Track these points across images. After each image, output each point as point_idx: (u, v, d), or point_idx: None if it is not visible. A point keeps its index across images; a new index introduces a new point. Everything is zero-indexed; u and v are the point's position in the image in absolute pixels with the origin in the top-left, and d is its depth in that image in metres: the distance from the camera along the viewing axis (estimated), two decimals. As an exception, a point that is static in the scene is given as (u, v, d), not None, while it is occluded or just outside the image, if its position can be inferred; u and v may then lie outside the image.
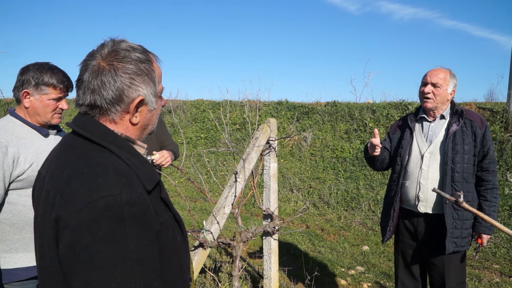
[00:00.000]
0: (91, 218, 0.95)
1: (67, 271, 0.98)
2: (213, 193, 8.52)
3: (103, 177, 1.01)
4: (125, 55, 1.14)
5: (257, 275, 4.38)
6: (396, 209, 2.97)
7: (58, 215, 0.99)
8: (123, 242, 0.97)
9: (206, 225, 2.76)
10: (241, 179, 2.93)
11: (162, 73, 1.26)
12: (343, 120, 9.58)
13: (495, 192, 2.76)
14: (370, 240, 6.06)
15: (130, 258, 0.97)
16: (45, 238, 1.05)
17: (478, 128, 2.75)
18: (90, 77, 1.11)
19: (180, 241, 1.21)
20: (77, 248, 0.95)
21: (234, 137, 10.61)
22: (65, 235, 0.97)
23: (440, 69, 2.83)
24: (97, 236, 0.95)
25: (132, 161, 1.10)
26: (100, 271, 0.94)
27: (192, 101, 13.40)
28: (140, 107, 1.17)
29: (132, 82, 1.13)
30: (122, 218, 0.97)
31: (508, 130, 7.26)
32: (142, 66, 1.15)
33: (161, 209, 1.13)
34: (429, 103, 2.81)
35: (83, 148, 1.10)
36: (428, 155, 2.82)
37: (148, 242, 1.02)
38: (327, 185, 8.07)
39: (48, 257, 1.05)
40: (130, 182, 1.04)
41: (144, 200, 1.03)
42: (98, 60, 1.13)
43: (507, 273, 4.81)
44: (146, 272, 1.00)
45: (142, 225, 1.01)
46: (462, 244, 2.75)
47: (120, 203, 0.98)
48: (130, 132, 1.19)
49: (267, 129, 3.19)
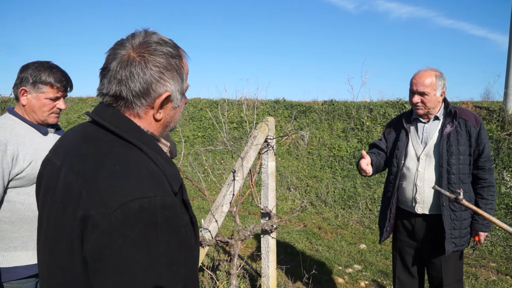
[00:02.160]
0: (125, 221, 0.92)
1: (93, 271, 0.95)
2: (211, 192, 8.52)
3: (136, 177, 0.97)
4: (156, 48, 1.10)
5: (255, 273, 4.39)
6: (393, 210, 2.97)
7: (87, 214, 0.94)
8: (155, 246, 0.95)
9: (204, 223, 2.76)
10: (239, 177, 2.93)
11: (189, 71, 1.23)
12: (340, 118, 9.59)
13: (491, 190, 2.75)
14: (367, 239, 6.07)
15: (160, 262, 0.95)
16: (66, 233, 1.00)
17: (473, 127, 2.72)
18: (118, 66, 1.07)
19: (194, 243, 1.18)
20: (108, 250, 0.92)
21: (232, 136, 10.61)
22: (94, 235, 0.93)
23: (425, 73, 2.73)
24: (130, 239, 0.92)
25: (159, 160, 1.06)
26: (129, 275, 0.92)
27: (189, 99, 13.39)
28: (166, 104, 1.14)
29: (161, 76, 1.09)
30: (156, 222, 0.95)
31: (504, 129, 7.29)
32: (173, 61, 1.12)
33: (183, 212, 1.10)
34: (420, 110, 2.79)
35: (109, 142, 1.05)
36: (424, 157, 2.81)
37: (177, 246, 1.00)
38: (324, 183, 8.08)
39: (66, 252, 1.01)
40: (162, 183, 1.00)
41: (175, 204, 1.01)
42: (128, 50, 1.08)
43: (503, 271, 4.83)
44: (173, 276, 0.99)
45: (173, 229, 0.99)
46: (461, 243, 2.76)
47: (155, 207, 0.95)
48: (153, 128, 1.15)
49: (265, 128, 3.19)
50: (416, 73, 2.79)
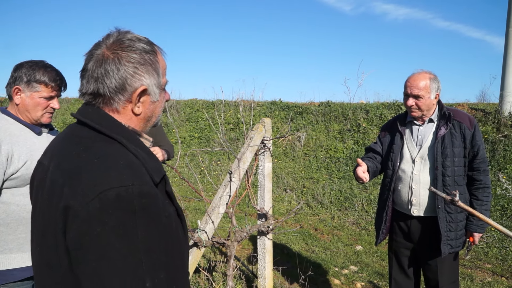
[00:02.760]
0: (102, 209, 0.95)
1: (75, 261, 0.98)
2: (207, 193, 8.51)
3: (114, 168, 1.01)
4: (129, 44, 1.14)
5: (251, 274, 4.38)
6: (389, 212, 2.98)
7: (68, 205, 0.98)
8: (133, 233, 0.98)
9: (201, 224, 2.76)
10: (236, 178, 2.93)
11: (166, 66, 1.26)
12: (336, 120, 9.61)
13: (486, 191, 2.75)
14: (363, 240, 6.08)
15: (139, 249, 0.98)
16: (51, 226, 1.04)
17: (467, 129, 2.72)
18: (94, 65, 1.12)
19: (181, 235, 1.22)
20: (87, 237, 0.95)
21: (228, 137, 10.61)
22: (75, 224, 0.97)
23: (419, 76, 2.73)
24: (108, 226, 0.95)
25: (140, 153, 1.10)
26: (109, 261, 0.95)
27: (186, 100, 13.38)
28: (143, 97, 1.17)
29: (135, 71, 1.13)
30: (133, 209, 0.98)
31: (500, 131, 7.32)
32: (147, 56, 1.16)
33: (166, 203, 1.13)
34: (414, 113, 2.79)
35: (91, 138, 1.10)
36: (419, 160, 2.82)
37: (156, 234, 1.03)
38: (320, 185, 8.09)
39: (52, 244, 1.04)
40: (140, 174, 1.04)
41: (154, 192, 1.04)
42: (103, 49, 1.13)
43: (499, 272, 4.85)
44: (154, 263, 1.01)
45: (152, 216, 1.02)
46: (457, 245, 2.77)
47: (132, 195, 0.98)
48: (134, 123, 1.19)
49: (262, 129, 3.19)
50: (410, 75, 2.79)
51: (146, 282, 0.99)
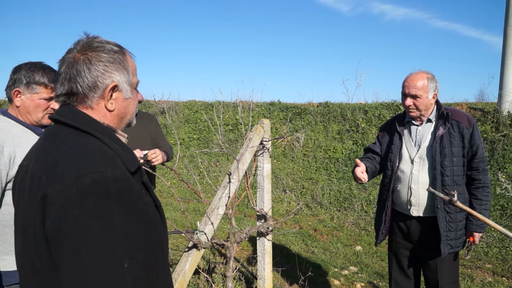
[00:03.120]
0: (78, 194, 0.99)
1: (54, 247, 1.01)
2: (206, 194, 8.50)
3: (88, 157, 1.07)
4: (98, 46, 1.22)
5: (250, 275, 4.38)
6: (388, 213, 2.97)
7: (45, 194, 1.02)
8: (109, 216, 1.01)
9: (200, 226, 2.75)
10: (235, 179, 2.92)
11: (136, 68, 1.34)
12: (335, 120, 9.61)
13: (486, 190, 2.75)
14: (363, 240, 6.07)
15: (116, 231, 1.01)
16: (31, 220, 1.08)
17: (466, 128, 2.72)
18: (67, 68, 1.19)
19: (160, 225, 1.26)
20: (64, 222, 0.99)
21: (227, 138, 10.60)
22: (53, 211, 1.00)
23: (417, 76, 2.73)
24: (84, 210, 0.99)
25: (114, 145, 1.16)
26: (87, 244, 0.98)
27: (185, 102, 13.38)
28: (115, 93, 1.24)
29: (105, 69, 1.20)
30: (108, 193, 1.02)
31: (499, 130, 7.32)
32: (115, 55, 1.23)
33: (143, 192, 1.18)
34: (412, 113, 2.79)
35: (66, 134, 1.15)
36: (417, 160, 2.81)
37: (133, 218, 1.07)
38: (319, 185, 8.08)
39: (33, 239, 1.08)
40: (114, 161, 1.10)
41: (128, 177, 1.10)
42: (74, 53, 1.21)
43: (499, 272, 4.84)
44: (132, 246, 1.05)
45: (127, 201, 1.06)
46: (457, 245, 2.76)
47: (106, 179, 1.03)
48: (108, 120, 1.25)
49: (261, 130, 3.18)
50: (408, 75, 2.79)
51: (124, 263, 1.02)
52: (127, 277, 1.01)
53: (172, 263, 4.66)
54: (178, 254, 5.04)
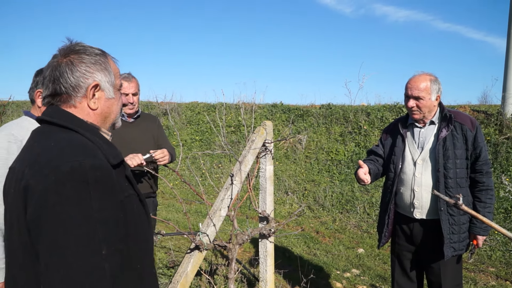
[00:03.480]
0: (57, 181, 1.03)
1: (35, 234, 1.04)
2: (209, 196, 8.50)
3: (68, 147, 1.11)
4: (80, 49, 1.28)
5: (252, 277, 4.36)
6: (391, 215, 2.96)
7: (27, 184, 1.06)
8: (88, 202, 1.04)
9: (202, 227, 2.74)
10: (237, 181, 2.92)
11: (119, 71, 1.40)
12: (337, 122, 9.59)
13: (489, 193, 2.73)
14: (365, 243, 6.05)
15: (94, 218, 1.04)
16: (15, 213, 1.11)
17: (469, 130, 2.71)
18: (51, 71, 1.25)
19: (144, 220, 1.30)
20: (44, 209, 1.02)
21: (230, 140, 10.60)
22: (33, 200, 1.04)
23: (420, 78, 2.73)
24: (63, 196, 1.02)
25: (96, 140, 1.20)
26: (66, 230, 1.01)
27: (187, 103, 13.39)
28: (97, 92, 1.29)
29: (87, 69, 1.26)
30: (86, 181, 1.05)
31: (502, 133, 7.29)
32: (97, 57, 1.29)
33: (126, 185, 1.23)
34: (415, 115, 2.79)
35: (50, 131, 1.20)
36: (420, 162, 2.80)
37: (111, 206, 1.10)
38: (322, 187, 8.07)
39: (17, 231, 1.11)
40: (94, 153, 1.13)
41: (107, 167, 1.13)
42: (58, 58, 1.27)
43: (503, 276, 4.82)
44: (111, 233, 1.08)
45: (105, 189, 1.10)
46: (461, 248, 2.75)
47: (84, 168, 1.06)
48: (92, 119, 1.29)
49: (263, 132, 3.18)
50: (411, 77, 2.79)
51: (102, 249, 1.04)
52: (105, 264, 1.04)
53: (174, 264, 4.65)
54: (180, 255, 5.04)
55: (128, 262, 1.13)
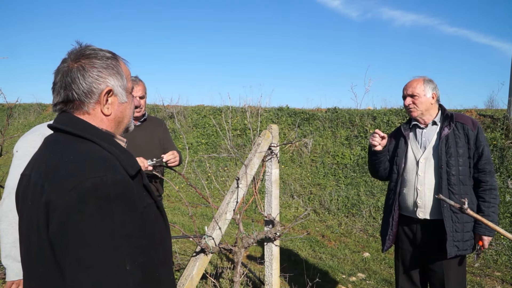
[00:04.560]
0: (79, 198, 1.02)
1: (58, 251, 1.04)
2: (214, 199, 8.51)
3: (88, 162, 1.09)
4: (91, 53, 1.26)
5: (258, 281, 4.37)
6: (395, 217, 2.98)
7: (48, 200, 1.05)
8: (110, 219, 1.04)
9: (208, 230, 2.76)
10: (243, 185, 2.93)
11: (130, 73, 1.38)
12: (343, 126, 9.59)
13: (493, 193, 2.76)
14: (371, 247, 6.04)
15: (118, 234, 1.05)
16: (34, 226, 1.10)
17: (470, 130, 2.78)
18: (62, 77, 1.23)
19: (162, 226, 1.30)
20: (67, 227, 1.02)
21: (235, 143, 10.62)
22: (56, 216, 1.03)
23: (414, 80, 2.91)
24: (86, 214, 1.02)
25: (113, 150, 1.19)
26: (90, 247, 1.01)
27: (193, 106, 13.43)
28: (110, 97, 1.27)
29: (99, 75, 1.24)
30: (108, 197, 1.05)
31: (509, 137, 7.26)
32: (109, 61, 1.27)
33: (144, 195, 1.21)
34: (413, 112, 2.89)
35: (66, 141, 1.18)
36: (423, 161, 2.85)
37: (133, 219, 1.10)
38: (327, 191, 8.06)
39: (36, 244, 1.11)
40: (113, 166, 1.12)
41: (127, 181, 1.12)
42: (68, 62, 1.24)
43: (508, 280, 4.79)
44: (133, 247, 1.08)
45: (127, 203, 1.09)
46: (465, 247, 2.74)
47: (106, 183, 1.05)
48: (105, 125, 1.28)
49: (269, 135, 3.19)
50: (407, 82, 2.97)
51: (127, 265, 1.05)
52: (130, 279, 1.05)
53: (180, 268, 4.67)
54: (185, 258, 5.06)
55: (149, 273, 1.14)
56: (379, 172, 3.10)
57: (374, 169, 3.12)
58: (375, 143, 2.95)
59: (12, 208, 2.09)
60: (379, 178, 3.20)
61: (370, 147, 3.02)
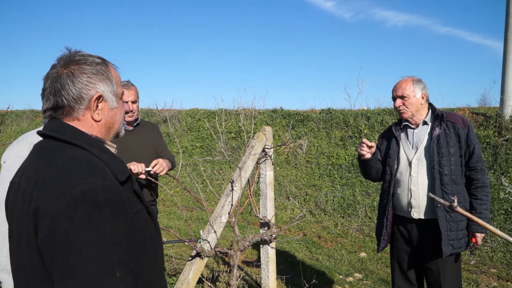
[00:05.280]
0: (68, 205, 1.02)
1: (47, 258, 1.03)
2: (209, 202, 8.50)
3: (76, 168, 1.09)
4: (80, 59, 1.25)
5: (254, 284, 4.37)
6: (389, 217, 2.99)
7: (37, 207, 1.05)
8: (100, 225, 1.04)
9: (203, 234, 2.76)
10: (238, 187, 2.93)
11: (120, 79, 1.38)
12: (338, 127, 9.62)
13: (485, 190, 2.78)
14: (367, 247, 6.06)
15: (108, 240, 1.04)
16: (24, 233, 1.10)
17: (461, 129, 2.80)
18: (51, 83, 1.22)
19: (153, 232, 1.29)
20: (56, 234, 1.01)
21: (230, 146, 10.62)
22: (44, 223, 1.03)
23: (402, 80, 2.92)
24: (75, 221, 1.01)
25: (103, 156, 1.18)
26: (79, 254, 1.01)
27: (187, 110, 13.42)
28: (100, 103, 1.26)
29: (89, 80, 1.23)
30: (98, 203, 1.04)
31: (501, 135, 7.31)
32: (98, 67, 1.26)
33: (134, 200, 1.21)
34: (404, 113, 2.90)
35: (55, 148, 1.18)
36: (416, 162, 2.86)
37: (123, 226, 1.09)
38: (323, 192, 8.07)
39: (26, 251, 1.10)
40: (103, 172, 1.11)
41: (117, 187, 1.12)
42: (58, 68, 1.23)
43: (504, 277, 4.82)
44: (123, 254, 1.07)
45: (117, 210, 1.09)
46: (459, 245, 2.77)
47: (95, 190, 1.05)
48: (95, 131, 1.27)
49: (263, 137, 3.20)
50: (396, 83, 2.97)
51: (116, 272, 1.04)
52: (120, 285, 1.04)
53: (176, 272, 4.66)
54: (181, 263, 5.04)
55: (140, 279, 1.13)
56: (371, 176, 3.12)
57: (366, 173, 3.14)
58: (363, 152, 2.94)
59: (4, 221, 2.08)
60: (372, 180, 3.22)
61: (360, 155, 3.01)
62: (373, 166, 3.02)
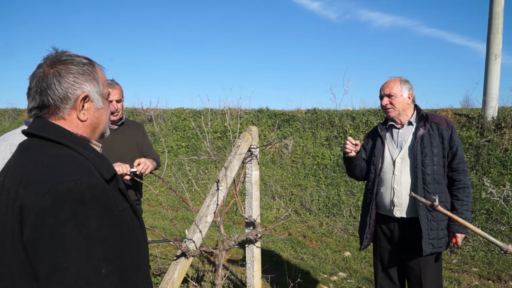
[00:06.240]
0: (54, 202, 1.02)
1: (33, 255, 1.04)
2: (195, 202, 8.48)
3: (62, 166, 1.10)
4: (67, 59, 1.26)
5: (240, 283, 4.37)
6: (372, 216, 3.03)
7: (23, 204, 1.05)
8: (85, 222, 1.04)
9: (188, 234, 2.75)
10: (223, 187, 2.93)
11: (106, 79, 1.38)
12: (323, 127, 9.67)
13: (466, 191, 2.83)
14: (351, 246, 6.10)
15: (93, 238, 1.05)
16: (9, 231, 1.10)
17: (445, 130, 2.85)
18: (37, 82, 1.23)
19: (138, 230, 1.30)
20: (42, 231, 1.01)
21: (215, 145, 10.60)
22: (30, 220, 1.03)
23: (390, 80, 2.97)
24: (60, 218, 1.02)
25: (88, 154, 1.19)
26: (65, 251, 1.01)
27: (173, 109, 13.36)
28: (87, 103, 1.27)
29: (75, 80, 1.24)
30: (83, 200, 1.05)
31: (483, 136, 7.43)
32: (85, 67, 1.27)
33: (119, 199, 1.22)
34: (390, 112, 2.95)
35: (40, 147, 1.18)
36: (399, 161, 2.91)
37: (109, 223, 1.10)
38: (308, 192, 8.11)
39: (11, 249, 1.10)
40: (88, 170, 1.12)
41: (102, 185, 1.12)
42: (44, 68, 1.24)
43: (485, 275, 4.90)
44: (109, 251, 1.08)
45: (103, 207, 1.10)
46: (440, 245, 2.81)
47: (81, 187, 1.05)
48: (81, 130, 1.27)
49: (249, 137, 3.20)
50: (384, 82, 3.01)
51: (102, 268, 1.05)
52: (106, 282, 1.05)
53: (161, 272, 4.64)
54: (166, 263, 5.02)
55: (125, 276, 1.14)
56: (355, 174, 3.15)
57: (350, 171, 3.18)
58: (348, 150, 2.98)
59: None
60: (356, 179, 3.26)
61: (344, 153, 3.04)
62: (357, 164, 3.06)
